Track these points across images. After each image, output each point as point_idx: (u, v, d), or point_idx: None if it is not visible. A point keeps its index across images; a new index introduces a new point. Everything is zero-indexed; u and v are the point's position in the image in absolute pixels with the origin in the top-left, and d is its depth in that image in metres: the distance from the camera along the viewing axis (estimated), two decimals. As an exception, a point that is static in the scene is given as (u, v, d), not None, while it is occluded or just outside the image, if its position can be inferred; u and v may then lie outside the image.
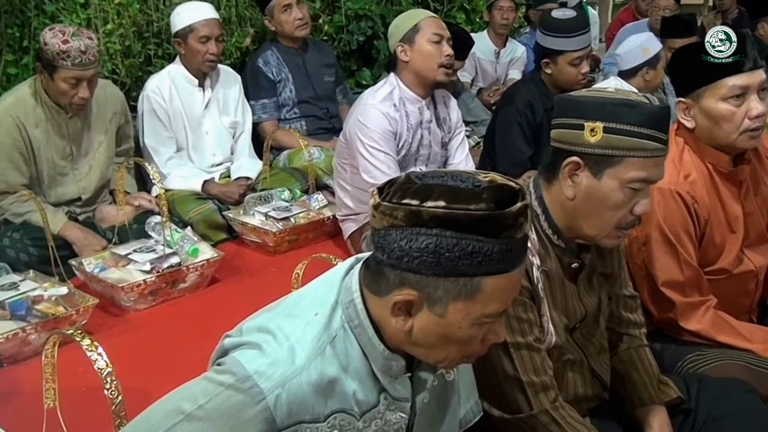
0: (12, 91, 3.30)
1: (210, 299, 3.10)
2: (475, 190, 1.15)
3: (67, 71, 3.06)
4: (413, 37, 3.09)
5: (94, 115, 3.37)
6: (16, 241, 3.11)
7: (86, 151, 3.40)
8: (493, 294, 1.17)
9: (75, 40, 3.04)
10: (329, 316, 1.26)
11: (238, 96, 4.01)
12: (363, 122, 3.08)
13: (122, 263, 3.05)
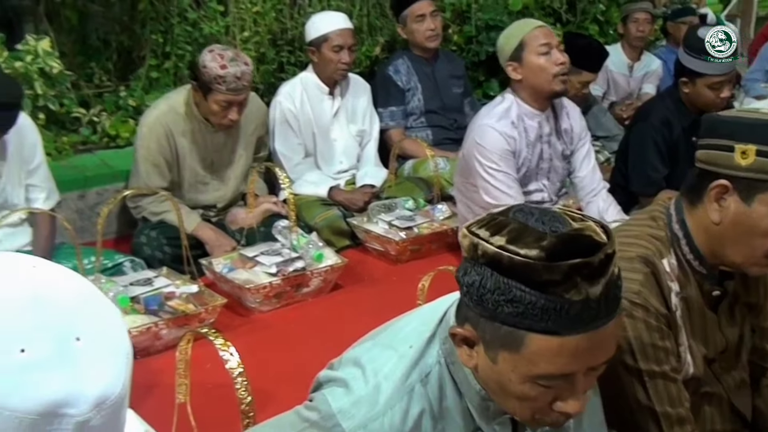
0: (165, 98, 3.44)
1: (332, 304, 3.14)
2: (542, 234, 1.05)
3: (221, 95, 3.17)
4: (520, 54, 3.01)
5: (237, 130, 3.47)
6: (152, 239, 3.26)
7: (227, 163, 3.51)
8: (540, 354, 1.07)
9: (232, 66, 3.13)
10: (422, 350, 1.22)
11: (366, 105, 4.06)
12: (480, 143, 3.04)
13: (249, 265, 3.13)
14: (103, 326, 0.76)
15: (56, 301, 0.74)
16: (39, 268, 0.77)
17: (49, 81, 3.59)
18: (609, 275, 1.06)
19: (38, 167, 3.11)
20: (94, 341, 0.74)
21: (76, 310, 0.75)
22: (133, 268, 3.12)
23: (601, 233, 1.08)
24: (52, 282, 0.76)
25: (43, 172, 3.15)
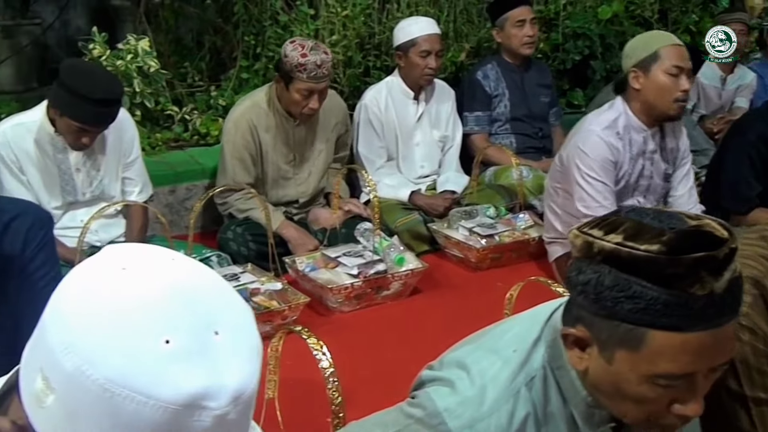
0: (249, 96, 3.55)
1: (411, 308, 3.16)
2: (661, 230, 1.04)
3: (302, 83, 3.25)
4: (650, 65, 2.90)
5: (318, 125, 3.55)
6: (238, 236, 3.34)
7: (308, 157, 3.58)
8: (662, 352, 1.04)
9: (312, 55, 3.22)
10: (528, 354, 1.21)
11: (450, 110, 4.07)
12: (582, 149, 2.98)
13: (331, 265, 3.18)
14: (238, 321, 0.79)
15: (195, 294, 0.76)
16: (177, 261, 0.80)
17: (146, 79, 3.71)
18: (732, 270, 1.04)
19: (134, 161, 3.23)
20: (231, 335, 0.76)
21: (213, 303, 0.77)
22: (219, 263, 3.20)
23: (722, 229, 1.07)
24: (190, 275, 0.79)
25: (139, 167, 3.26)
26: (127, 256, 0.80)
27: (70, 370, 0.71)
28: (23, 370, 0.80)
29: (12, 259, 1.74)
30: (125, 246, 0.82)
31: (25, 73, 4.71)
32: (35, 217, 1.81)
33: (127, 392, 0.70)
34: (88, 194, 3.14)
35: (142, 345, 0.72)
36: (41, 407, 0.74)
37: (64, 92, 2.79)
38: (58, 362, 0.72)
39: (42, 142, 2.99)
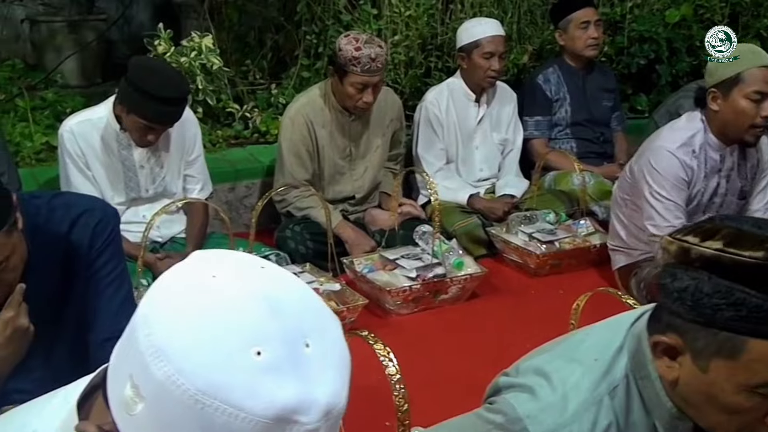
0: (305, 92, 3.58)
1: (469, 313, 3.12)
2: (762, 237, 1.03)
3: (356, 77, 3.25)
4: (731, 87, 2.76)
5: (373, 120, 3.55)
6: (296, 234, 3.34)
7: (363, 152, 3.58)
8: (762, 361, 1.03)
9: (366, 48, 3.22)
10: (610, 363, 1.20)
11: (511, 114, 4.02)
12: (654, 166, 2.87)
13: (389, 267, 3.16)
14: (328, 332, 0.77)
15: (286, 305, 0.75)
16: (266, 270, 0.79)
17: (209, 77, 3.75)
18: None
19: (197, 159, 3.26)
20: (322, 347, 0.74)
21: (304, 314, 0.76)
22: (278, 261, 3.20)
23: None
24: (280, 284, 0.77)
25: (201, 164, 3.29)
26: (216, 263, 0.79)
27: (160, 379, 0.71)
28: (111, 375, 0.79)
29: (79, 255, 1.75)
30: (214, 253, 0.81)
31: (90, 69, 4.81)
32: (103, 212, 1.80)
33: (218, 404, 0.69)
34: (150, 191, 3.17)
35: (234, 356, 0.71)
36: (130, 415, 0.74)
37: (132, 89, 2.82)
38: (149, 370, 0.72)
39: (107, 139, 3.03)
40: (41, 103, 4.17)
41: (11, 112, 3.96)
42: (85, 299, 1.77)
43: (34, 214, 1.70)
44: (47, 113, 4.10)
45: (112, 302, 1.79)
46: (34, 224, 1.68)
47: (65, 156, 3.04)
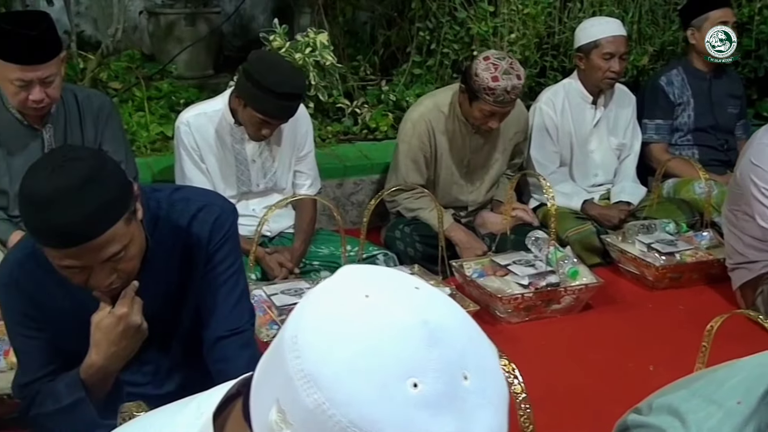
0: (431, 95, 3.48)
1: (582, 325, 3.00)
2: None
3: (486, 105, 3.14)
4: None
5: (496, 134, 3.43)
6: (405, 235, 3.29)
7: (482, 165, 3.49)
8: None
9: (504, 80, 3.07)
10: (755, 407, 1.09)
11: (630, 117, 3.85)
12: (757, 164, 2.77)
13: (501, 273, 3.07)
14: (486, 363, 0.70)
15: (445, 332, 0.68)
16: (421, 292, 0.73)
17: (321, 72, 3.73)
18: None
19: (307, 155, 3.25)
20: (480, 380, 0.68)
21: (461, 342, 0.69)
22: (385, 261, 3.17)
23: None
24: (438, 309, 0.71)
25: (311, 160, 3.28)
26: (368, 282, 0.73)
27: (310, 407, 0.66)
28: (255, 396, 0.75)
29: (197, 251, 1.73)
30: (364, 270, 0.76)
31: (203, 61, 4.87)
32: (222, 208, 1.78)
33: None
34: (261, 185, 3.18)
35: (390, 387, 0.65)
36: None
37: (251, 84, 2.81)
38: (298, 396, 0.67)
39: (222, 132, 3.05)
40: (156, 93, 4.25)
41: (129, 102, 4.05)
42: (201, 296, 1.76)
43: (155, 208, 1.69)
44: (162, 103, 4.17)
45: (227, 300, 1.77)
46: (155, 217, 1.68)
47: (180, 148, 3.07)
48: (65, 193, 1.39)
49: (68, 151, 1.49)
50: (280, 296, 2.72)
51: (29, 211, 1.43)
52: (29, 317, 1.66)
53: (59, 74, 2.65)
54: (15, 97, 2.61)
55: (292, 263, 3.06)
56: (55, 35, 2.63)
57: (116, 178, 1.48)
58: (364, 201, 3.77)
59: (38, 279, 1.62)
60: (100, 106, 2.89)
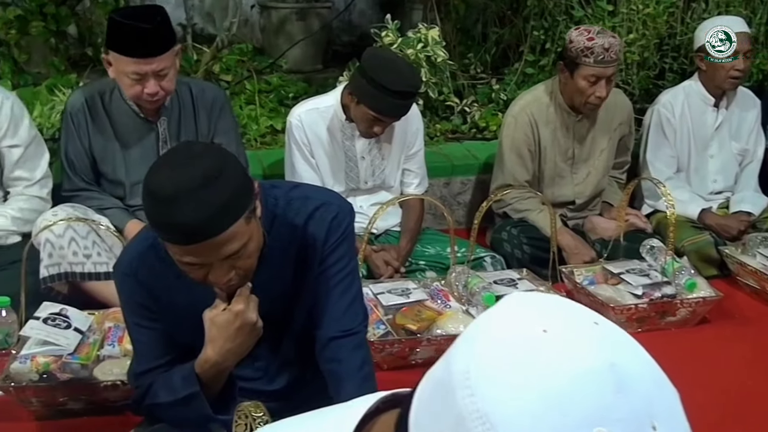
0: (530, 90, 3.46)
1: (698, 340, 2.87)
2: None
3: (588, 68, 3.08)
4: None
5: (600, 121, 3.35)
6: (513, 237, 3.22)
7: (587, 155, 3.39)
8: None
9: (600, 38, 3.08)
10: None
11: (753, 122, 3.66)
12: None
13: (613, 281, 2.97)
14: (673, 410, 0.64)
15: (633, 377, 0.62)
16: (601, 328, 0.66)
17: (433, 69, 3.69)
18: None
19: (417, 153, 3.22)
20: (669, 430, 0.62)
21: (651, 389, 0.63)
22: (492, 264, 3.11)
23: None
24: (623, 349, 0.65)
25: (420, 159, 3.25)
26: (543, 314, 0.67)
27: None
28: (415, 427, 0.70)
29: (313, 249, 1.72)
30: (535, 299, 0.70)
31: (312, 55, 4.91)
32: (339, 207, 1.77)
33: None
34: (369, 182, 3.17)
35: None
36: None
37: (366, 81, 2.80)
38: None
39: (333, 128, 3.05)
40: (266, 86, 4.30)
41: (240, 95, 4.11)
42: (315, 295, 1.75)
43: (273, 205, 1.69)
44: (271, 97, 4.22)
45: (341, 300, 1.75)
46: (272, 215, 1.67)
47: (292, 143, 3.09)
48: (189, 191, 1.40)
49: (191, 148, 1.50)
50: (387, 295, 2.71)
51: (153, 207, 1.45)
52: (146, 308, 1.68)
53: (173, 67, 2.70)
54: (130, 89, 2.67)
55: (398, 262, 3.05)
56: (169, 28, 2.68)
57: (238, 176, 1.48)
58: (470, 201, 3.73)
59: (157, 271, 1.64)
60: (214, 98, 2.94)
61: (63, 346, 2.25)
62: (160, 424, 1.76)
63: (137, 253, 1.68)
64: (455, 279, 2.80)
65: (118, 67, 2.65)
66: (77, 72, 3.98)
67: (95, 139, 2.82)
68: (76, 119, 2.80)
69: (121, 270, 1.69)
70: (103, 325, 2.41)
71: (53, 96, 3.51)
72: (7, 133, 2.70)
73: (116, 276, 1.70)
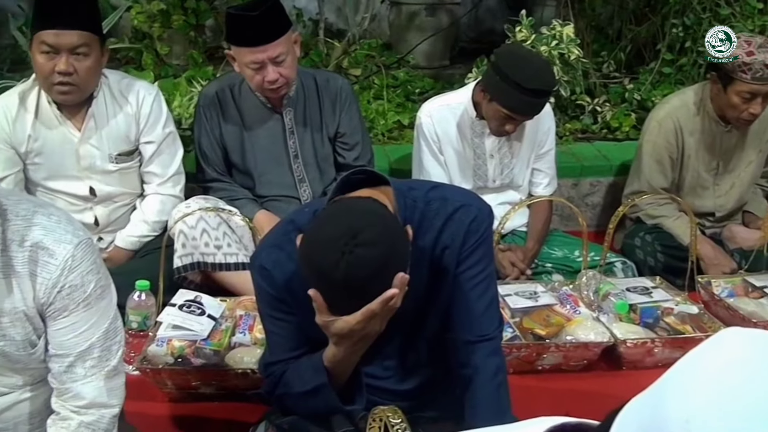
0: (678, 94, 3.29)
1: None
2: None
3: (743, 84, 2.88)
4: None
5: (751, 132, 3.16)
6: (647, 244, 3.10)
7: (733, 167, 3.22)
8: None
9: (761, 53, 2.84)
10: None
11: None
12: None
13: (755, 294, 2.81)
14: None
15: None
16: None
17: (566, 67, 3.59)
18: None
19: (548, 153, 3.14)
20: None
21: None
22: (623, 270, 3.00)
23: None
24: None
25: (551, 158, 3.17)
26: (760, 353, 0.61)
27: None
28: None
29: (451, 252, 1.68)
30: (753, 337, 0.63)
31: (439, 51, 4.89)
32: (479, 209, 1.72)
33: None
34: (497, 181, 3.12)
35: None
36: None
37: (499, 78, 2.75)
38: None
39: (462, 125, 3.02)
40: (393, 81, 4.31)
41: (368, 90, 4.13)
42: (450, 297, 1.71)
43: (411, 207, 1.67)
44: (398, 92, 4.23)
45: (477, 304, 1.71)
46: (410, 217, 1.65)
47: (421, 139, 3.07)
48: (360, 285, 1.44)
49: (361, 230, 1.43)
50: (514, 297, 2.65)
51: (323, 286, 1.47)
52: (281, 301, 1.68)
53: (291, 53, 2.73)
54: (253, 80, 2.74)
55: (524, 264, 2.98)
56: (279, 15, 2.71)
57: (406, 256, 1.50)
58: (599, 203, 3.62)
59: (290, 269, 1.65)
60: (339, 89, 2.96)
61: (197, 332, 2.31)
62: (292, 416, 1.78)
63: (275, 247, 1.70)
64: (585, 284, 2.71)
65: (239, 60, 2.73)
66: (213, 64, 4.11)
67: (226, 131, 2.90)
68: (207, 112, 2.89)
69: (258, 262, 1.70)
70: (234, 313, 2.47)
71: (192, 87, 3.63)
72: (145, 129, 2.80)
73: (253, 268, 1.71)
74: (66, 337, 1.50)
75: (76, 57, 2.53)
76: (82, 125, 2.69)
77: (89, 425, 1.51)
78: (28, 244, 1.44)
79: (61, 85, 2.55)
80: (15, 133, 2.66)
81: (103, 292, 1.53)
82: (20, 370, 1.54)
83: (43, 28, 2.50)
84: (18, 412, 1.58)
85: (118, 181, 2.81)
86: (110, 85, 2.74)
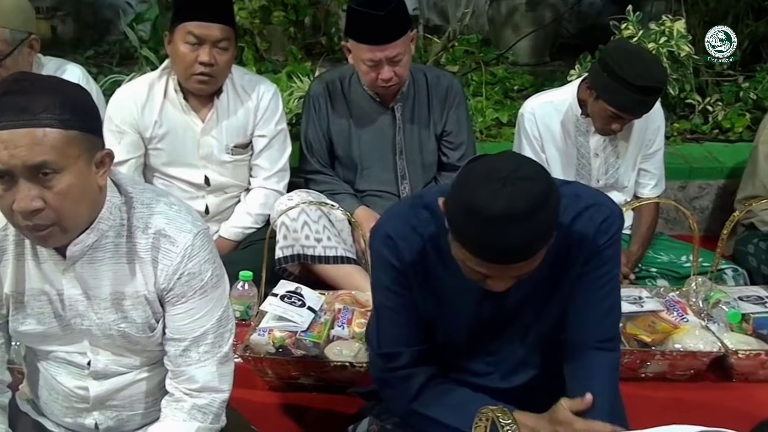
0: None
1: None
2: None
3: None
4: None
5: None
6: (761, 252, 2.96)
7: None
8: None
9: None
10: None
11: None
12: None
13: None
14: None
15: None
16: None
17: (675, 64, 3.46)
18: None
19: (656, 153, 3.04)
20: None
21: None
22: (734, 278, 2.87)
23: None
24: None
25: (659, 159, 3.07)
26: None
27: None
28: None
29: (577, 250, 1.63)
30: None
31: (540, 48, 4.81)
32: (611, 210, 1.67)
33: None
34: (601, 181, 3.02)
35: None
36: None
37: (607, 75, 2.66)
38: None
39: (566, 123, 2.94)
40: (491, 78, 4.26)
41: (467, 86, 4.09)
42: (571, 296, 1.66)
43: None
44: (497, 89, 4.17)
45: (599, 307, 1.66)
46: None
47: (522, 136, 3.01)
48: (518, 215, 1.37)
49: (519, 167, 1.42)
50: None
51: (474, 223, 1.41)
52: (400, 272, 1.64)
53: (407, 53, 2.72)
54: (366, 76, 2.75)
55: (627, 267, 2.89)
56: (403, 15, 2.71)
57: (558, 200, 1.45)
58: (708, 206, 3.49)
59: (415, 242, 1.63)
60: (448, 87, 2.95)
61: (298, 323, 2.33)
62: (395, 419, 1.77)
63: (401, 218, 1.66)
64: (695, 290, 2.60)
65: (355, 54, 2.73)
66: (311, 60, 4.15)
67: (333, 123, 2.92)
68: (316, 103, 2.92)
69: (384, 231, 1.65)
70: (333, 306, 2.48)
71: (291, 83, 3.67)
72: (260, 123, 2.85)
73: (377, 237, 1.66)
74: (183, 322, 1.54)
75: (217, 50, 2.62)
76: (206, 116, 2.78)
77: (201, 408, 1.56)
78: (151, 231, 1.50)
79: (201, 75, 2.64)
80: (142, 118, 2.76)
81: (219, 281, 1.57)
82: (138, 351, 1.59)
83: (190, 19, 2.60)
84: (134, 391, 1.63)
85: (231, 172, 2.87)
86: (234, 79, 2.81)
